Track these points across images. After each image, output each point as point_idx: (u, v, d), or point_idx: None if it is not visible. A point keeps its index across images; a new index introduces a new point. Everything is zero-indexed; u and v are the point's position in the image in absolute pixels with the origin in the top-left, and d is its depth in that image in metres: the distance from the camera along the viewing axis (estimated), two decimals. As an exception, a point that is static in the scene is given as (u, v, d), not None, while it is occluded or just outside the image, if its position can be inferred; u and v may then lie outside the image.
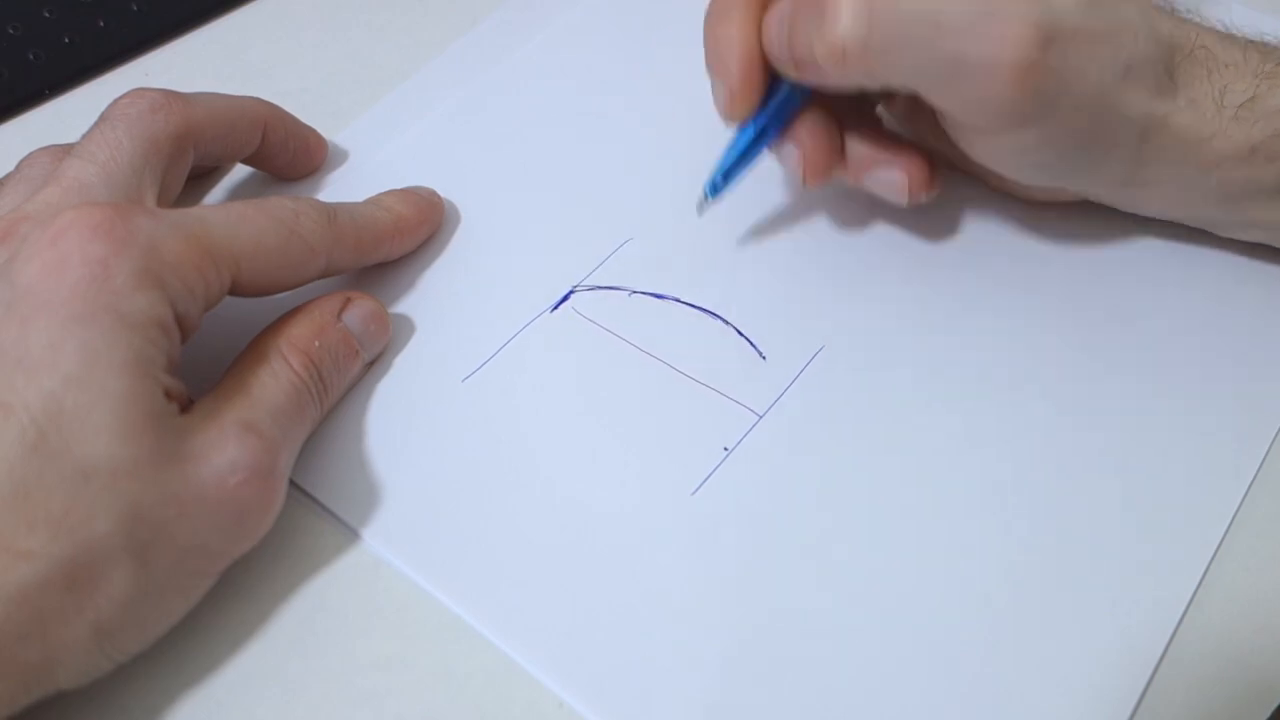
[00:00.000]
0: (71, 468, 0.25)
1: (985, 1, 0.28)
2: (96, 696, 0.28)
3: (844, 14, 0.29)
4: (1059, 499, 0.31)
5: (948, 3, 0.28)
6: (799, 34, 0.30)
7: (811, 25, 0.30)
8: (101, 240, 0.27)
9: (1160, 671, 0.28)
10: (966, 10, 0.28)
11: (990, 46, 0.28)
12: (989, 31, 0.28)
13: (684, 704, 0.28)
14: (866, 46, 0.29)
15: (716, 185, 0.35)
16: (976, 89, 0.29)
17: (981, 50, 0.28)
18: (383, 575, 0.30)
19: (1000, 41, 0.28)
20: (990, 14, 0.28)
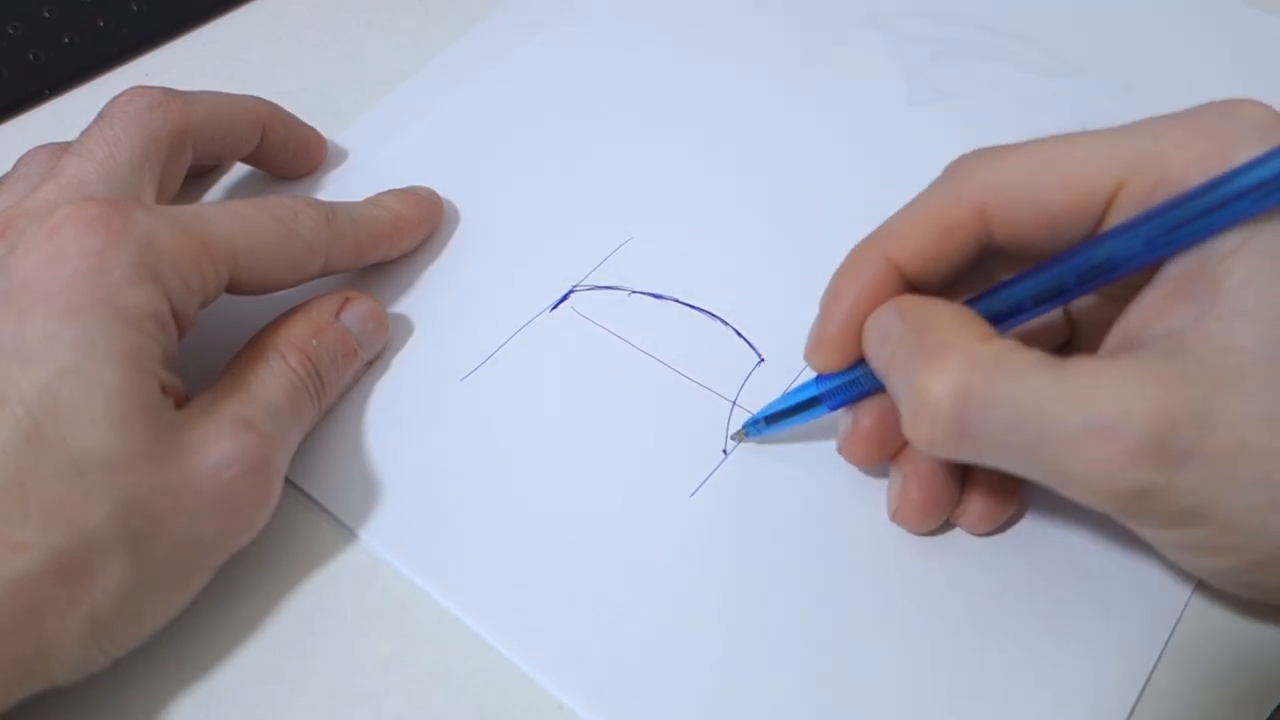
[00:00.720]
0: (66, 459, 0.25)
1: (1107, 406, 0.23)
2: (95, 695, 0.28)
3: (935, 412, 0.25)
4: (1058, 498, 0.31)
5: (1057, 406, 0.24)
6: (898, 376, 0.26)
7: (906, 390, 0.25)
8: (98, 233, 0.27)
9: (1159, 671, 0.28)
10: (1075, 420, 0.23)
11: (1093, 469, 0.24)
12: (1094, 452, 0.23)
13: (683, 705, 0.28)
14: (956, 446, 0.25)
15: (758, 427, 0.32)
16: (1080, 497, 0.25)
17: (1084, 473, 0.24)
18: (381, 575, 0.30)
19: (1105, 465, 0.23)
20: (1102, 429, 0.23)
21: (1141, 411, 0.23)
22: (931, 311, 0.26)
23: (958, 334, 0.25)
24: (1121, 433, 0.23)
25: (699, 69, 0.43)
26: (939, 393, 0.24)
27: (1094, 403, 0.23)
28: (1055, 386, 0.24)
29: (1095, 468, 0.24)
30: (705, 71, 0.43)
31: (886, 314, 0.27)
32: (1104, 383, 0.24)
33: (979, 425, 0.24)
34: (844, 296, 0.28)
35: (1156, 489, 0.24)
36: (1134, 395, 0.23)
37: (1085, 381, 0.24)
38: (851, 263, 0.29)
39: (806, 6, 0.45)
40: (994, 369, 0.24)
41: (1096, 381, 0.24)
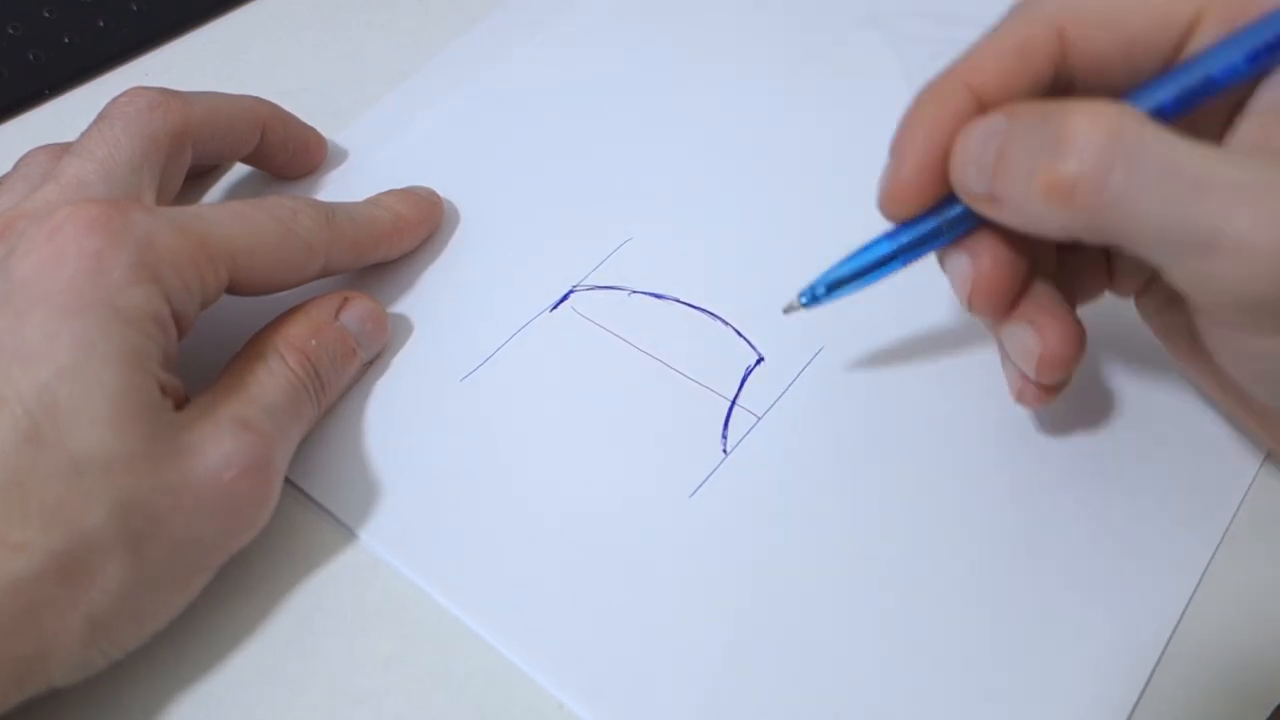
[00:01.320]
0: (65, 459, 0.25)
1: (1272, 171, 0.21)
2: (95, 695, 0.28)
3: (1085, 144, 0.22)
4: (1059, 498, 0.31)
5: (1217, 162, 0.22)
6: (1014, 159, 0.24)
7: (1036, 151, 0.23)
8: (98, 234, 0.27)
9: (1159, 671, 0.28)
10: (1239, 175, 0.21)
11: (1260, 224, 0.21)
12: (1262, 204, 0.21)
13: (683, 705, 0.28)
14: (1103, 190, 0.22)
15: (817, 295, 0.29)
16: (1229, 271, 0.22)
17: (1248, 226, 0.21)
18: (381, 575, 0.30)
19: (1273, 220, 0.21)
20: (1271, 185, 0.21)
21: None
22: (1048, 100, 0.24)
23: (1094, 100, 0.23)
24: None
25: (699, 69, 0.43)
26: (1087, 129, 0.22)
27: (1261, 167, 0.22)
28: (1214, 151, 0.22)
29: (1263, 221, 0.21)
30: (705, 71, 0.43)
31: (991, 117, 0.25)
32: (1252, 158, 0.22)
33: (1129, 166, 0.22)
34: (920, 129, 0.26)
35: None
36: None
37: (1242, 154, 0.23)
38: (927, 95, 0.27)
39: (806, 6, 0.45)
40: (1145, 121, 0.23)
41: (1243, 158, 0.22)
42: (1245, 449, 0.32)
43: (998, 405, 0.33)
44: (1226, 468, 0.32)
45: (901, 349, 0.34)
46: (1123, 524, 0.30)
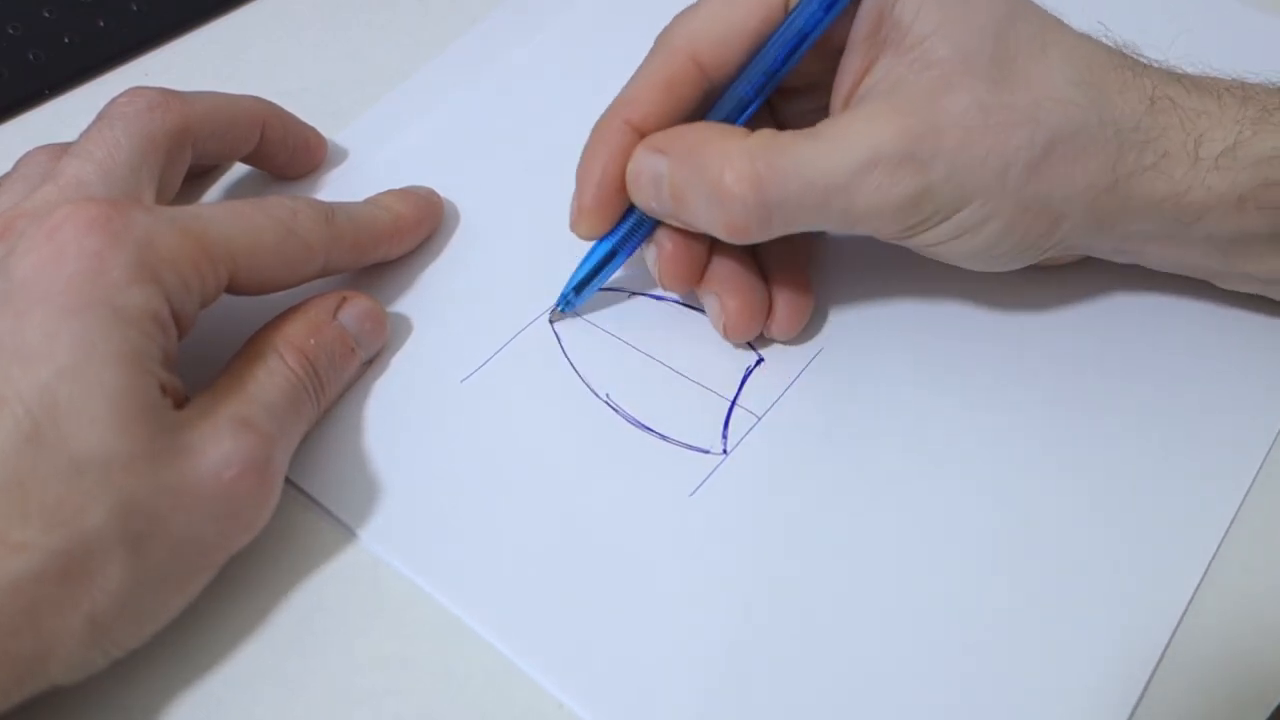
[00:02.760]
0: (66, 459, 0.25)
1: (863, 146, 0.29)
2: (95, 695, 0.27)
3: (739, 201, 0.29)
4: (1059, 499, 0.31)
5: (828, 161, 0.29)
6: (689, 202, 0.30)
7: (703, 201, 0.30)
8: (97, 234, 0.27)
9: (1160, 671, 0.28)
10: (846, 166, 0.29)
11: (874, 196, 0.29)
12: (868, 183, 0.29)
13: (683, 705, 0.28)
14: (767, 223, 0.30)
15: (569, 300, 0.34)
16: (872, 226, 0.30)
17: (868, 201, 0.29)
18: (381, 575, 0.30)
19: (881, 189, 0.29)
20: (867, 163, 0.28)
21: (888, 138, 0.29)
22: (691, 134, 0.31)
23: (724, 139, 0.30)
24: (880, 160, 0.29)
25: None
26: (737, 186, 0.29)
27: (854, 146, 0.29)
28: (821, 145, 0.29)
29: (874, 195, 0.29)
30: None
31: (646, 157, 0.31)
32: (854, 129, 0.29)
33: (778, 198, 0.29)
34: (594, 165, 0.32)
35: (922, 191, 0.29)
36: (878, 130, 0.29)
37: (839, 135, 0.29)
38: (595, 136, 0.33)
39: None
40: (768, 151, 0.29)
41: (846, 131, 0.29)
42: (1246, 449, 0.32)
43: (997, 405, 0.33)
44: (1227, 468, 0.32)
45: (900, 349, 0.34)
46: (1123, 524, 0.31)
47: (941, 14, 0.29)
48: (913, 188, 0.29)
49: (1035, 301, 0.35)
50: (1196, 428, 0.32)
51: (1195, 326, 0.35)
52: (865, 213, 0.29)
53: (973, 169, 0.29)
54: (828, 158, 0.29)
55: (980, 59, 0.29)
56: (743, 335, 0.34)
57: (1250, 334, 0.34)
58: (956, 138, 0.29)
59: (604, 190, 0.32)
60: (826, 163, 0.29)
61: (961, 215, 0.29)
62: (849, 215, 0.29)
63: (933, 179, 0.29)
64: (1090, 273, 0.35)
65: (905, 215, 0.29)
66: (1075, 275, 0.35)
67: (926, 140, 0.29)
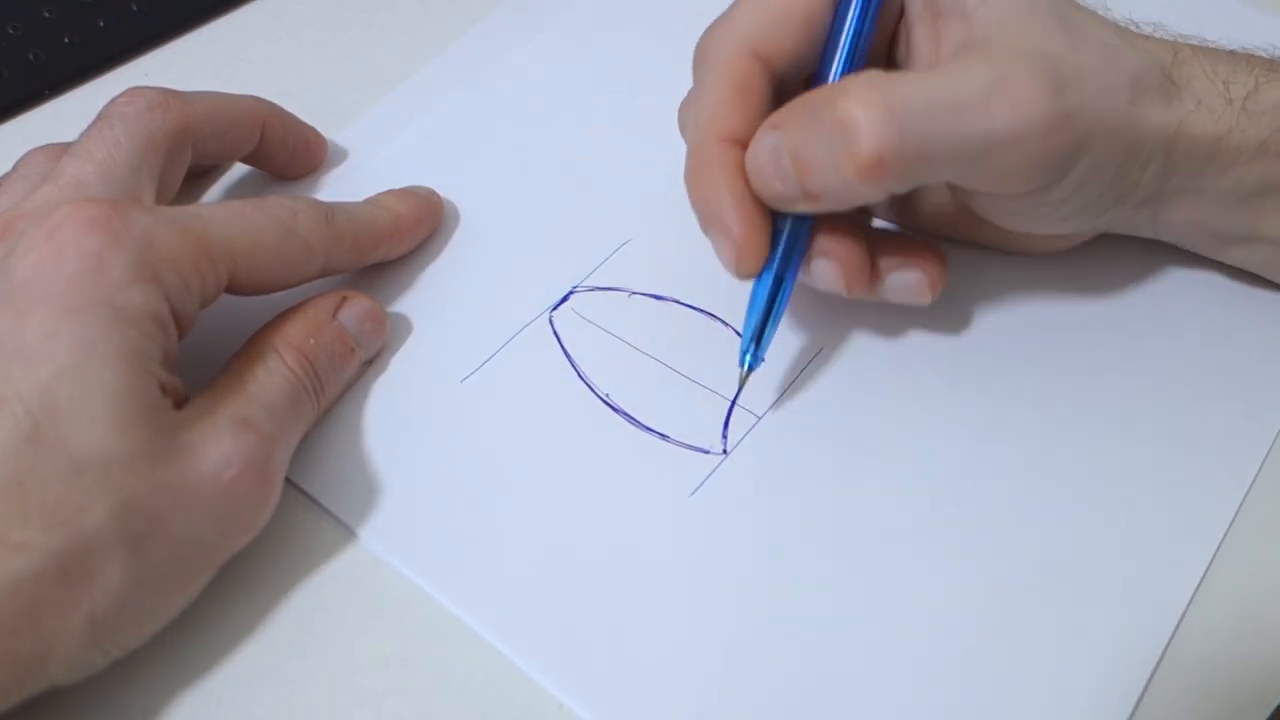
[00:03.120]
0: (66, 459, 0.25)
1: (993, 70, 0.27)
2: (95, 695, 0.28)
3: (868, 127, 0.27)
4: (1059, 498, 0.31)
5: (958, 84, 0.27)
6: (812, 161, 0.28)
7: (829, 148, 0.27)
8: (97, 234, 0.27)
9: (1160, 671, 0.28)
10: (980, 85, 0.27)
11: (1016, 112, 0.27)
12: (1008, 97, 0.27)
13: (683, 705, 0.28)
14: (902, 151, 0.27)
15: (750, 354, 0.31)
16: (1012, 157, 0.28)
17: (1009, 119, 0.27)
18: (381, 575, 0.30)
19: (1022, 105, 0.27)
20: (1003, 80, 0.27)
21: (1017, 62, 0.28)
22: (797, 102, 0.29)
23: (838, 84, 0.28)
24: (1020, 76, 0.27)
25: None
26: (863, 110, 0.27)
27: (984, 70, 0.27)
28: (946, 76, 0.28)
29: (1018, 109, 0.27)
30: None
31: (760, 139, 0.29)
32: (975, 61, 0.28)
33: (910, 125, 0.27)
34: (718, 192, 0.30)
35: (1065, 113, 0.28)
36: (1000, 60, 0.28)
37: (961, 67, 0.28)
38: (698, 168, 0.30)
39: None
40: (891, 81, 0.27)
41: (969, 64, 0.28)
42: (1246, 449, 0.32)
43: (997, 405, 0.33)
44: (1227, 468, 0.32)
45: (900, 349, 0.34)
46: (1123, 524, 0.31)
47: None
48: (1056, 106, 0.27)
49: (1035, 300, 0.35)
50: (1197, 427, 0.32)
51: (1195, 325, 0.35)
52: (1008, 137, 0.27)
53: (1098, 98, 0.28)
54: (956, 80, 0.28)
55: (1043, 16, 0.29)
56: (942, 286, 0.32)
57: (1250, 333, 0.34)
58: (1072, 69, 0.28)
59: (743, 211, 0.30)
60: (956, 83, 0.27)
61: (1087, 161, 0.29)
62: (989, 144, 0.27)
63: (1071, 101, 0.28)
64: (1091, 272, 0.35)
65: (1047, 144, 0.28)
66: (1076, 274, 0.35)
67: (1051, 66, 0.28)
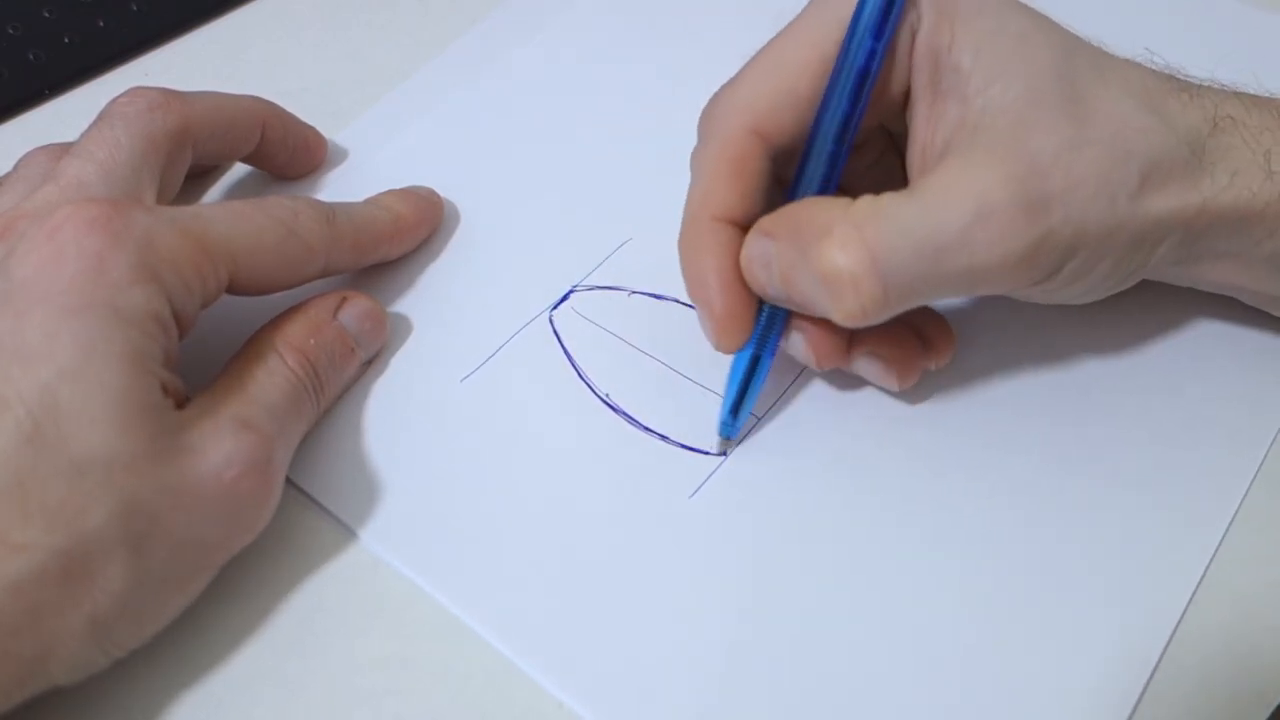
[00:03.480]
0: (67, 460, 0.25)
1: (970, 200, 0.27)
2: (95, 695, 0.28)
3: (852, 284, 0.27)
4: (1058, 498, 0.31)
5: (936, 219, 0.27)
6: (798, 287, 0.28)
7: (814, 288, 0.28)
8: (98, 234, 0.27)
9: (1160, 671, 0.28)
10: (957, 222, 0.26)
11: (994, 248, 0.27)
12: (987, 233, 0.26)
13: (683, 705, 0.28)
14: (886, 300, 0.27)
15: (728, 426, 0.32)
16: (995, 285, 0.28)
17: (987, 254, 0.27)
18: (381, 575, 0.30)
19: (1001, 239, 0.27)
20: (981, 215, 0.26)
21: (996, 186, 0.27)
22: (790, 213, 0.29)
23: (824, 213, 0.28)
24: (995, 208, 0.26)
25: (699, 68, 0.43)
26: (846, 264, 0.27)
27: (960, 199, 0.27)
28: (925, 204, 0.27)
29: (993, 249, 0.27)
30: (705, 70, 0.43)
31: (755, 242, 0.29)
32: (953, 183, 0.27)
33: (892, 272, 0.27)
34: (705, 271, 0.30)
35: (1044, 237, 0.27)
36: (981, 179, 0.27)
37: (940, 188, 0.27)
38: (688, 244, 0.31)
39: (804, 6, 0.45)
40: (872, 220, 0.27)
41: (947, 184, 0.27)
42: (1246, 449, 0.32)
43: (998, 404, 0.33)
44: (1226, 467, 0.32)
45: (901, 349, 0.34)
46: (1123, 524, 0.30)
47: (1001, 57, 0.28)
48: (1033, 235, 0.27)
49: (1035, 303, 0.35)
50: (1196, 427, 0.32)
51: (1195, 325, 0.35)
52: (987, 271, 0.27)
53: (1085, 208, 0.27)
54: (934, 214, 0.27)
55: (1052, 98, 0.28)
56: (913, 380, 0.32)
57: (1250, 333, 0.34)
58: (1060, 179, 0.27)
59: (730, 294, 0.30)
60: (935, 219, 0.27)
61: (1076, 261, 0.28)
62: (970, 275, 0.27)
63: (1051, 223, 0.27)
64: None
65: (1029, 267, 0.27)
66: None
67: (1032, 184, 0.27)
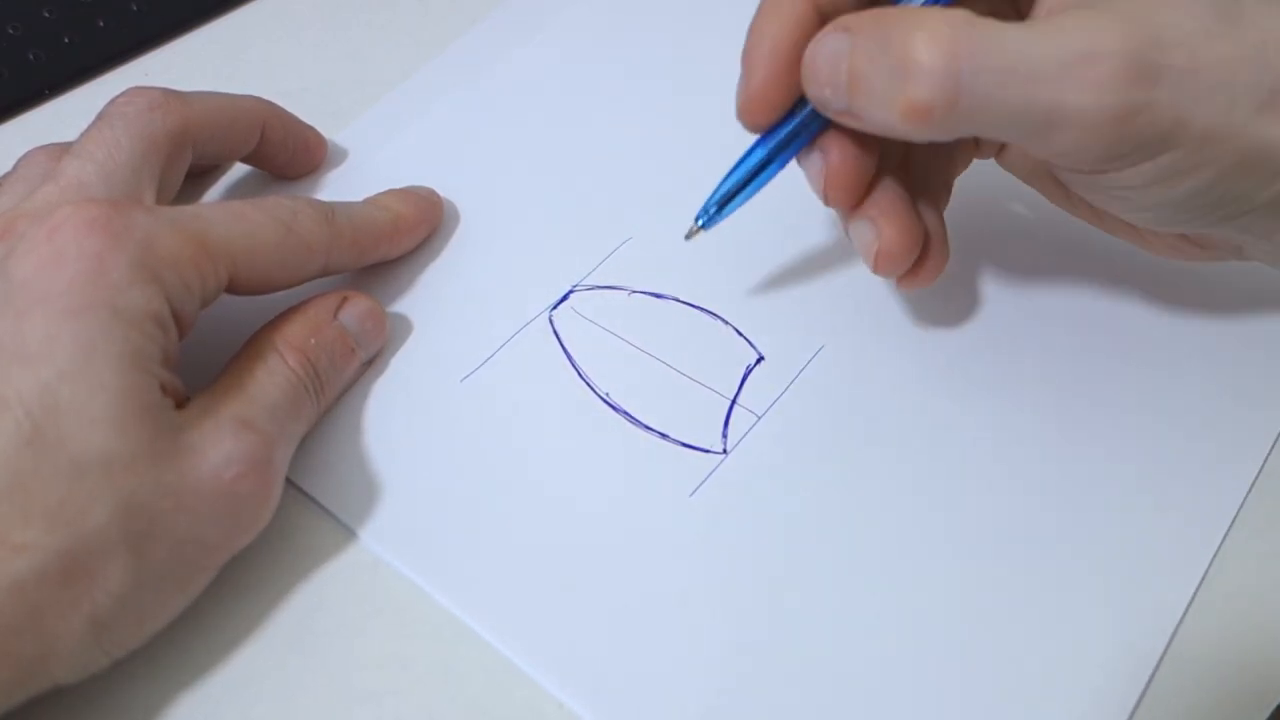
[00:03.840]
0: (67, 460, 0.25)
1: (1082, 39, 0.25)
2: (95, 695, 0.28)
3: (929, 75, 0.25)
4: (1059, 498, 0.31)
5: (1039, 47, 0.25)
6: (867, 82, 0.26)
7: (886, 75, 0.26)
8: (98, 235, 0.27)
9: (1160, 671, 0.28)
10: (1060, 54, 0.25)
11: (1086, 95, 0.25)
12: (1086, 76, 0.25)
13: (683, 705, 0.28)
14: (954, 107, 0.25)
15: (710, 213, 0.31)
16: (1072, 136, 0.26)
17: (1077, 100, 0.25)
18: (381, 575, 0.30)
19: (1096, 88, 0.25)
20: (1086, 55, 0.25)
21: (1113, 40, 0.25)
22: (880, 13, 0.27)
23: (921, 13, 0.26)
24: (1104, 56, 0.25)
25: (699, 68, 0.43)
26: (928, 53, 0.25)
27: (1073, 39, 0.25)
28: (1032, 35, 0.25)
29: (1087, 93, 0.25)
30: (705, 70, 0.43)
31: (830, 35, 0.27)
32: (1070, 23, 0.25)
33: (972, 75, 0.25)
34: (764, 40, 0.28)
35: (1143, 106, 0.25)
36: (1101, 28, 0.25)
37: (1056, 27, 0.25)
38: (765, 7, 0.29)
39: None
40: (971, 27, 0.25)
41: (1063, 23, 0.25)
42: (1247, 448, 0.32)
43: (998, 404, 0.33)
44: (1227, 468, 0.32)
45: (902, 347, 0.34)
46: (1123, 524, 0.30)
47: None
48: (1133, 98, 0.25)
49: (1036, 297, 0.35)
50: (1197, 427, 0.32)
51: (1197, 324, 0.35)
52: (1073, 116, 0.25)
53: (1199, 97, 0.25)
54: (1039, 43, 0.25)
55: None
56: (894, 268, 0.31)
57: (1251, 333, 0.34)
58: (1183, 59, 0.25)
59: (777, 69, 0.28)
60: (1037, 48, 0.25)
61: (1171, 156, 0.26)
62: (1053, 117, 0.25)
63: (1156, 97, 0.25)
64: (1092, 272, 0.35)
65: (1118, 130, 0.25)
66: (1076, 274, 0.35)
67: (1151, 51, 0.25)
